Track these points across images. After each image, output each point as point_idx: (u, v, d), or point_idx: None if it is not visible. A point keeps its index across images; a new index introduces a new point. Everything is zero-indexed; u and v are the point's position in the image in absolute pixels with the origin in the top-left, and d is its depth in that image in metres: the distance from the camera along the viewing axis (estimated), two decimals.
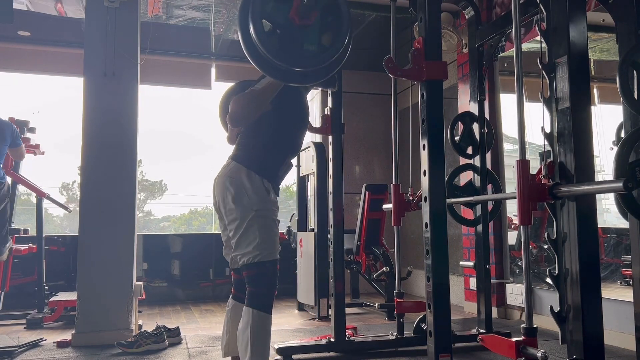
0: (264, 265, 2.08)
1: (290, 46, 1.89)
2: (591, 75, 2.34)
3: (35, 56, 5.24)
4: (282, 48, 1.87)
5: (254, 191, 2.10)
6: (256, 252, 2.07)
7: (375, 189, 4.42)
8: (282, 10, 1.87)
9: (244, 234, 2.10)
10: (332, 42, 1.95)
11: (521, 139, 1.96)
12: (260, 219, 2.10)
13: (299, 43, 1.90)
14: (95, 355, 3.00)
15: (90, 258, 3.32)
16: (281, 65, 1.89)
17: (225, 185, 2.13)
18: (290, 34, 1.89)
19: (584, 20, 1.92)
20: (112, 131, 3.46)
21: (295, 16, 1.88)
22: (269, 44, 1.85)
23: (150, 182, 21.66)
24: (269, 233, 2.11)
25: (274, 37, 1.87)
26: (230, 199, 2.10)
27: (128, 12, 3.53)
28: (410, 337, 3.10)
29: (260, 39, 1.83)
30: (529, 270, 1.97)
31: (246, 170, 2.12)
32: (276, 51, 1.85)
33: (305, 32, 1.90)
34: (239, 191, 2.10)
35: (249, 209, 2.09)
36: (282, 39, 1.88)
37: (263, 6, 1.85)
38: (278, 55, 1.86)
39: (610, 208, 3.83)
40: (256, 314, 2.04)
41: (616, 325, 3.05)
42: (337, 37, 1.95)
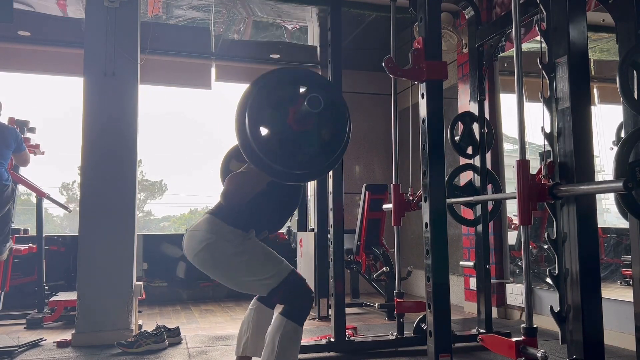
0: (282, 287, 2.03)
1: (289, 150, 1.85)
2: (591, 75, 2.34)
3: (35, 56, 5.24)
4: (282, 153, 1.83)
5: (227, 239, 2.03)
6: (265, 283, 2.03)
7: (375, 189, 4.42)
8: (279, 117, 1.84)
9: (241, 278, 2.06)
10: (331, 142, 1.91)
11: (521, 139, 1.96)
12: (245, 255, 2.04)
13: (299, 146, 1.86)
14: (95, 355, 3.00)
15: (90, 258, 3.32)
16: (280, 168, 1.85)
17: (198, 238, 2.06)
18: (289, 139, 1.85)
19: (584, 20, 1.92)
20: (112, 131, 3.45)
21: (293, 124, 1.84)
22: (268, 149, 1.81)
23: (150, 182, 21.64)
24: (261, 261, 2.06)
25: (273, 141, 1.83)
26: (211, 249, 2.04)
27: (128, 12, 3.53)
28: (410, 337, 3.10)
29: (258, 146, 1.79)
30: (529, 270, 1.97)
31: (220, 222, 2.06)
32: (275, 156, 1.82)
33: (304, 136, 1.86)
34: (215, 241, 2.03)
35: (230, 255, 2.03)
36: (281, 143, 1.84)
37: (259, 114, 1.81)
38: (278, 160, 1.82)
39: (610, 208, 3.83)
40: (288, 323, 2.00)
41: (616, 325, 3.05)
42: (335, 139, 1.91)
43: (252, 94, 1.82)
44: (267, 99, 1.83)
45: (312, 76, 1.97)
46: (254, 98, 1.81)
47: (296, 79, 1.93)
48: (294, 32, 5.27)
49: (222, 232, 2.05)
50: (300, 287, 2.08)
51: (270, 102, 1.84)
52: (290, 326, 2.00)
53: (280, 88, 1.87)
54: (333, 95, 1.93)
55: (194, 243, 2.07)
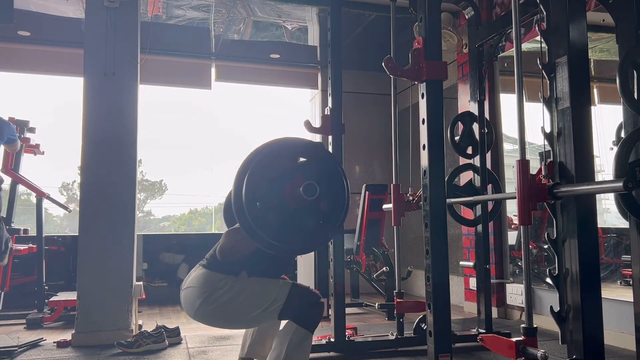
0: (289, 305, 1.99)
1: (285, 226, 1.84)
2: (591, 75, 2.34)
3: (35, 56, 5.24)
4: (278, 229, 1.82)
5: (220, 286, 2.00)
6: (271, 310, 1.99)
7: (375, 189, 4.42)
8: (276, 193, 1.84)
9: (247, 316, 2.02)
10: (331, 210, 1.91)
11: (521, 139, 1.96)
12: (242, 294, 2.00)
13: (295, 222, 1.85)
14: (95, 355, 3.00)
15: (90, 258, 3.32)
16: (277, 244, 1.84)
17: (196, 294, 2.02)
18: (286, 215, 1.84)
19: (584, 20, 1.92)
20: (112, 131, 3.45)
21: (290, 201, 1.84)
22: (264, 224, 1.79)
23: (150, 182, 21.65)
24: (259, 292, 2.02)
25: (269, 216, 1.82)
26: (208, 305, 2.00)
27: (128, 12, 3.53)
28: (410, 337, 3.10)
29: (255, 222, 1.78)
30: (529, 270, 1.97)
31: (213, 273, 2.03)
32: (272, 232, 1.80)
33: (300, 213, 1.85)
34: (211, 292, 1.99)
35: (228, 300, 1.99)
36: (277, 219, 1.83)
37: (256, 190, 1.80)
38: (276, 237, 1.81)
39: (610, 208, 3.83)
40: (298, 329, 1.97)
41: (616, 325, 3.05)
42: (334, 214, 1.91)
43: (250, 168, 1.81)
44: (264, 173, 1.82)
45: (311, 148, 1.96)
46: (251, 172, 1.80)
47: (295, 151, 1.94)
48: (294, 32, 5.27)
49: (213, 283, 2.00)
50: (306, 297, 2.04)
51: (267, 176, 1.83)
52: (300, 332, 1.97)
53: (278, 159, 1.87)
54: (331, 167, 1.94)
55: (190, 302, 2.04)
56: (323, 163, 1.92)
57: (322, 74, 5.92)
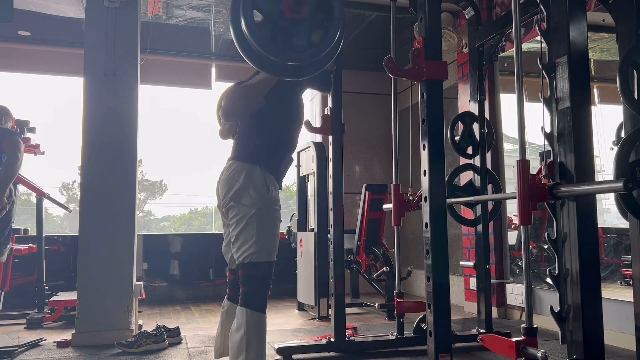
0: (260, 266, 2.06)
1: (279, 39, 1.87)
2: (591, 75, 2.34)
3: (35, 56, 5.24)
4: (272, 40, 1.86)
5: (255, 190, 2.09)
6: (252, 250, 2.06)
7: (375, 189, 4.42)
8: (274, 2, 1.87)
9: (242, 231, 2.09)
10: (321, 40, 1.94)
11: (521, 139, 1.96)
12: (261, 218, 2.09)
13: (289, 36, 1.89)
14: (95, 355, 3.00)
15: (90, 258, 3.32)
16: (269, 57, 1.88)
17: (229, 184, 2.12)
18: (280, 27, 1.88)
19: (584, 20, 1.92)
20: (112, 131, 3.46)
21: (286, 9, 1.87)
22: (259, 35, 1.83)
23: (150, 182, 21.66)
24: (267, 233, 2.10)
25: (264, 29, 1.87)
26: (233, 197, 2.10)
27: (128, 12, 3.53)
28: (410, 337, 3.10)
29: (250, 30, 1.82)
30: (529, 270, 1.97)
31: (248, 167, 2.12)
32: (265, 43, 1.84)
33: (295, 26, 1.89)
34: (241, 190, 2.09)
35: (250, 207, 2.08)
36: (272, 31, 1.87)
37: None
38: (267, 46, 1.84)
39: (610, 208, 3.83)
40: (250, 313, 2.02)
41: (616, 325, 3.05)
42: (326, 34, 1.94)
43: None
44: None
45: None
46: None
47: None
48: None
49: (247, 173, 2.10)
50: (266, 278, 2.09)
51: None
52: (251, 317, 2.02)
53: None
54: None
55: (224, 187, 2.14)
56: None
57: None
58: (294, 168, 4.83)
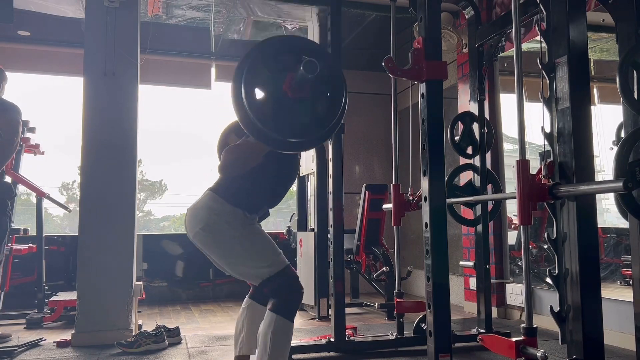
0: (278, 277, 2.04)
1: (283, 117, 1.84)
2: (591, 75, 2.34)
3: (35, 56, 5.24)
4: (275, 119, 1.83)
5: (233, 219, 2.03)
6: (260, 272, 2.03)
7: (375, 189, 4.42)
8: (276, 81, 1.84)
9: (239, 261, 2.07)
10: (326, 112, 1.91)
11: (521, 139, 1.96)
12: (248, 239, 2.05)
13: (293, 114, 1.86)
14: (95, 355, 3.00)
15: (90, 258, 3.32)
16: (274, 135, 1.85)
17: (204, 215, 2.06)
18: (284, 105, 1.84)
19: (584, 20, 1.92)
20: (112, 131, 3.45)
21: (288, 90, 1.84)
22: (262, 114, 1.80)
23: (150, 182, 21.68)
24: (263, 248, 2.07)
25: (267, 106, 1.83)
26: (212, 229, 2.04)
27: (128, 12, 3.53)
28: (410, 337, 3.10)
29: (252, 109, 1.79)
30: (529, 270, 1.97)
31: (226, 203, 2.05)
32: (269, 122, 1.81)
33: (298, 105, 1.86)
34: (219, 220, 2.03)
35: (233, 235, 2.03)
36: (274, 109, 1.83)
37: (256, 75, 1.81)
38: (270, 126, 1.82)
39: (610, 208, 3.83)
40: (279, 319, 2.00)
41: (616, 325, 3.05)
42: (330, 109, 1.91)
43: (251, 57, 1.82)
44: (265, 63, 1.83)
45: (314, 46, 1.97)
46: (252, 60, 1.81)
47: (297, 47, 1.93)
48: (294, 32, 5.26)
49: (223, 212, 2.04)
50: (292, 282, 2.08)
51: (268, 65, 1.83)
52: (281, 322, 2.01)
53: (281, 54, 1.87)
54: (332, 67, 1.93)
55: (195, 221, 2.07)
56: (324, 62, 1.88)
57: None
58: None
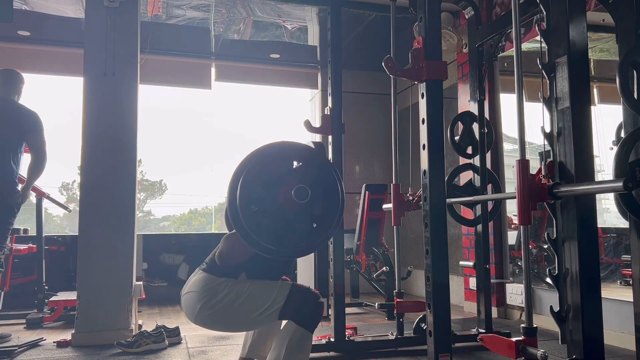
0: (289, 305, 1.99)
1: (280, 230, 1.85)
2: (591, 75, 2.34)
3: (35, 56, 5.24)
4: (272, 233, 1.83)
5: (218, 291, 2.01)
6: (272, 311, 1.99)
7: (375, 189, 4.42)
8: (269, 197, 1.85)
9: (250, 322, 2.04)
10: (324, 215, 1.91)
11: (521, 139, 1.96)
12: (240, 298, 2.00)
13: (289, 226, 1.87)
14: (95, 355, 3.00)
15: (90, 258, 3.32)
16: (271, 247, 1.85)
17: (195, 299, 2.04)
18: (280, 219, 1.86)
19: (584, 20, 1.92)
20: (112, 131, 3.45)
21: (284, 203, 1.85)
22: (258, 228, 1.81)
23: (150, 182, 21.64)
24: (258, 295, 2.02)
25: (263, 220, 1.83)
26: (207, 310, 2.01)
27: (128, 12, 3.53)
28: (410, 337, 3.10)
29: (250, 226, 1.80)
30: (528, 270, 1.97)
31: (212, 277, 2.04)
32: (266, 235, 1.82)
33: (294, 216, 1.87)
34: (210, 297, 2.01)
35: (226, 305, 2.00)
36: (271, 223, 1.84)
37: (250, 193, 1.81)
38: (268, 240, 1.82)
39: (610, 208, 3.83)
40: (298, 329, 1.96)
41: (616, 325, 3.05)
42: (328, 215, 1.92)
43: (245, 171, 1.82)
44: (258, 177, 1.84)
45: (306, 152, 1.97)
46: (246, 174, 1.82)
47: (290, 155, 1.96)
48: (294, 32, 5.27)
49: (213, 287, 2.01)
50: (306, 296, 2.04)
51: (262, 180, 1.84)
52: (300, 332, 1.96)
53: (273, 163, 1.89)
54: (326, 172, 1.94)
55: (191, 306, 2.06)
56: (317, 167, 1.92)
57: (322, 73, 5.91)
58: None
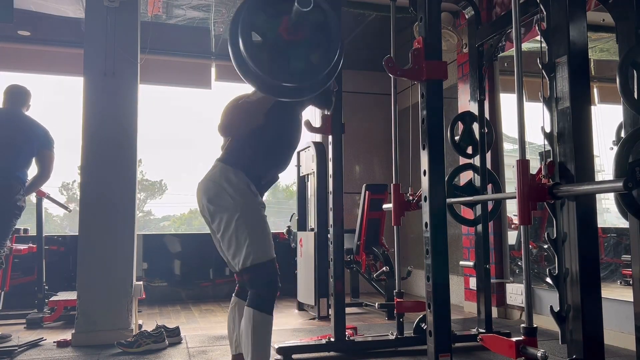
0: (261, 267, 2.06)
1: (277, 61, 1.87)
2: (591, 75, 2.34)
3: (35, 56, 5.24)
4: (270, 62, 1.86)
5: (237, 192, 2.08)
6: (248, 253, 2.05)
7: (375, 189, 4.42)
8: (272, 24, 1.87)
9: (232, 237, 2.08)
10: (319, 61, 1.93)
11: (521, 138, 1.96)
12: (247, 218, 2.07)
13: (287, 58, 1.89)
14: (95, 355, 3.00)
15: (90, 258, 3.32)
16: (268, 79, 1.88)
17: (209, 187, 2.12)
18: (279, 49, 1.87)
19: (584, 20, 1.92)
20: (112, 131, 3.46)
21: (284, 31, 1.86)
22: (257, 57, 1.83)
23: (150, 182, 21.67)
24: (258, 232, 2.09)
25: (262, 50, 1.86)
26: (212, 200, 2.10)
27: (128, 11, 3.53)
28: (410, 337, 3.10)
29: (248, 52, 1.82)
30: (528, 270, 1.97)
31: (233, 170, 2.11)
32: (263, 65, 1.84)
33: (293, 48, 1.89)
34: (220, 191, 2.09)
35: (233, 210, 2.07)
36: (270, 53, 1.87)
37: (253, 19, 1.84)
38: (265, 68, 1.84)
39: (610, 208, 3.83)
40: (256, 314, 2.03)
41: (616, 325, 3.05)
42: (325, 56, 1.93)
43: (249, 2, 1.85)
44: (263, 5, 1.86)
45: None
46: (250, 5, 1.84)
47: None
48: None
49: (228, 178, 2.08)
50: (270, 277, 2.09)
51: (265, 9, 1.86)
52: (259, 316, 2.03)
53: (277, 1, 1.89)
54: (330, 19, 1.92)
55: (202, 194, 2.14)
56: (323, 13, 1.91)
57: None
58: (293, 168, 4.83)
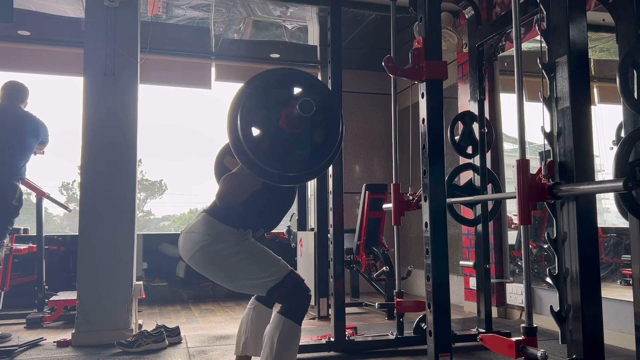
0: (281, 287, 2.03)
1: (281, 152, 1.84)
2: (591, 75, 2.34)
3: (35, 56, 5.24)
4: (274, 154, 1.83)
5: (223, 239, 2.03)
6: (264, 282, 2.03)
7: (375, 189, 4.42)
8: (271, 118, 1.83)
9: (239, 279, 2.06)
10: (324, 143, 1.90)
11: (521, 138, 1.96)
12: (243, 255, 2.04)
13: (290, 148, 1.86)
14: (95, 354, 3.00)
15: (90, 258, 3.32)
16: (272, 170, 1.85)
17: (194, 240, 2.05)
18: (281, 140, 1.84)
19: (584, 20, 1.92)
20: (112, 131, 3.46)
21: (285, 124, 1.84)
22: (260, 150, 1.80)
23: (150, 182, 21.70)
24: (259, 261, 2.06)
25: (264, 142, 1.83)
26: (203, 255, 2.03)
27: (128, 11, 3.53)
28: (410, 337, 3.10)
29: (250, 147, 1.79)
30: (528, 269, 1.97)
31: (215, 221, 2.05)
32: (267, 158, 1.81)
33: (296, 138, 1.86)
34: (210, 243, 2.02)
35: (226, 256, 2.02)
36: (272, 144, 1.83)
37: (251, 114, 1.81)
38: (269, 162, 1.82)
39: (610, 208, 3.83)
40: (287, 322, 2.00)
41: (616, 325, 3.05)
42: (329, 137, 1.91)
43: (246, 94, 1.82)
44: (260, 99, 1.82)
45: (308, 78, 1.95)
46: (247, 97, 1.81)
47: (291, 80, 1.92)
48: (294, 32, 5.27)
49: (217, 232, 2.03)
50: (298, 286, 2.08)
51: (263, 102, 1.83)
52: (288, 325, 2.00)
53: (275, 88, 1.86)
54: (327, 99, 1.92)
55: (190, 245, 2.06)
56: (319, 95, 1.89)
57: (322, 73, 5.91)
58: None
